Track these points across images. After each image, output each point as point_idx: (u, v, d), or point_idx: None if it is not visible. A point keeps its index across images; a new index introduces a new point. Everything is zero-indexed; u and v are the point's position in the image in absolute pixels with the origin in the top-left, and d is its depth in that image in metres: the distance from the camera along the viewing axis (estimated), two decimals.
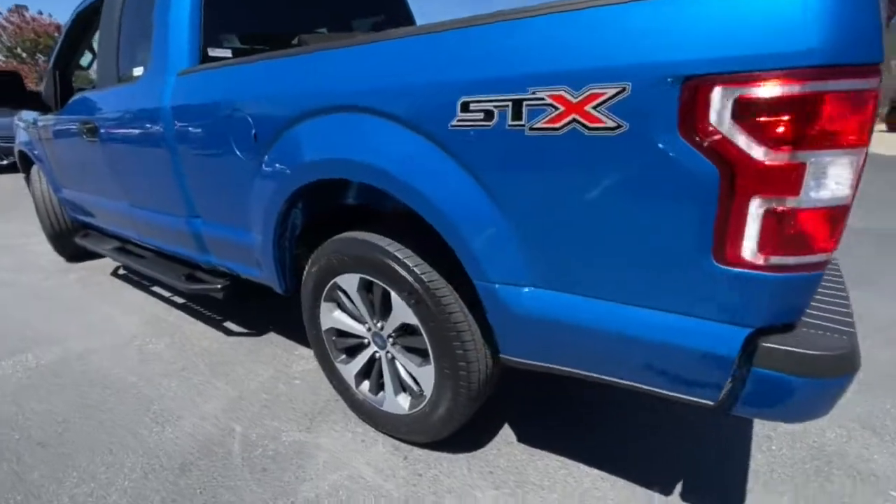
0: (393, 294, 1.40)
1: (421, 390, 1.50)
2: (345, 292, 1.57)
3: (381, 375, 1.62)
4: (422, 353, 1.46)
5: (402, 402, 1.56)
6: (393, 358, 1.55)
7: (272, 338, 2.39)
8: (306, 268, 1.66)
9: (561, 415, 1.76)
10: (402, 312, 1.39)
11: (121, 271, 3.48)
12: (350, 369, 1.69)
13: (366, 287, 1.51)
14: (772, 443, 1.60)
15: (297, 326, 2.39)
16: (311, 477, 1.51)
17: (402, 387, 1.58)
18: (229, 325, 2.55)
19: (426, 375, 1.44)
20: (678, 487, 1.44)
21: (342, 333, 1.69)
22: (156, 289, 3.07)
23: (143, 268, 2.48)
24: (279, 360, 2.18)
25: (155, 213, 2.22)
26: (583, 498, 1.41)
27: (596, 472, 1.50)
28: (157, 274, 2.38)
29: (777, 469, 1.50)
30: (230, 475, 1.54)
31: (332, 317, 1.65)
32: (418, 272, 1.31)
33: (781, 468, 1.50)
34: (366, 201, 1.64)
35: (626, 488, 1.44)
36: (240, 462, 1.59)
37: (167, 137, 1.87)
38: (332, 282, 1.57)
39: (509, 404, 1.82)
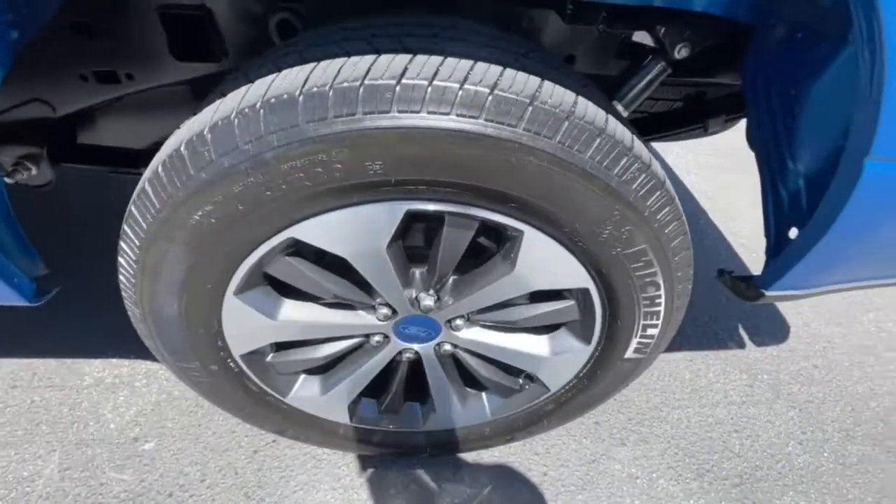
0: (530, 233, 0.55)
1: (525, 383, 0.80)
2: (336, 259, 0.58)
3: (406, 385, 0.79)
4: (544, 329, 0.73)
5: (478, 408, 0.82)
6: (453, 350, 0.74)
7: None
8: (159, 227, 0.53)
9: None
10: (555, 267, 0.60)
11: None
12: (333, 401, 0.77)
13: (401, 230, 0.58)
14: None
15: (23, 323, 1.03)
16: None
17: (463, 388, 0.81)
18: None
19: (562, 362, 0.73)
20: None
21: (289, 346, 0.72)
22: None
23: None
24: (58, 419, 0.91)
25: None
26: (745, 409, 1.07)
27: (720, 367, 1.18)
28: None
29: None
30: None
31: (274, 326, 0.64)
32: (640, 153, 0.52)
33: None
34: None
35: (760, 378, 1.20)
36: None
37: None
38: (275, 241, 0.55)
39: None
